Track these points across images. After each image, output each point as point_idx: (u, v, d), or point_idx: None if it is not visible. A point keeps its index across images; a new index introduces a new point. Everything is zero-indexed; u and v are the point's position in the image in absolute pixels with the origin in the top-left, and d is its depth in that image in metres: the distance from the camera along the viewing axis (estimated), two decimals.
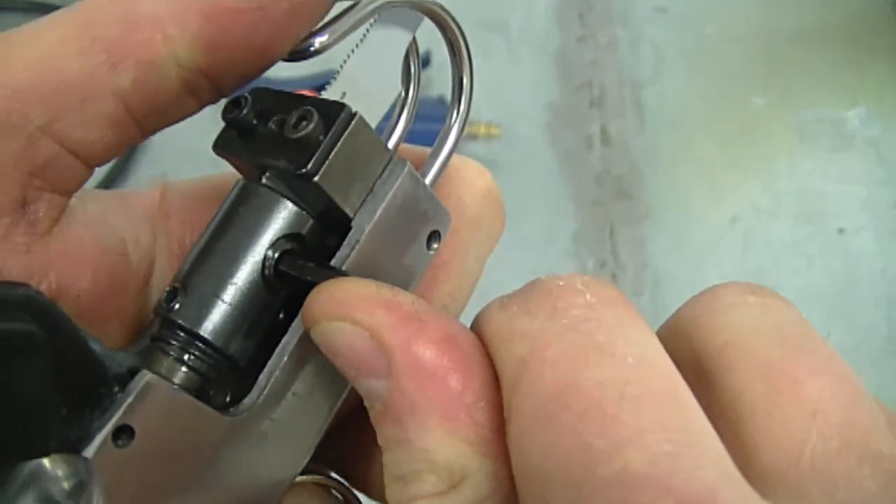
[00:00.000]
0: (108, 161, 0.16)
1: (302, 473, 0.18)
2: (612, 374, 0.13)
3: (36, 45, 0.15)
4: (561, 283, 0.16)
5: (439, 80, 0.76)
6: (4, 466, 0.14)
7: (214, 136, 0.17)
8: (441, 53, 0.82)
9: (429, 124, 0.81)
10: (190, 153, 0.75)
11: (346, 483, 0.20)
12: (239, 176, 0.17)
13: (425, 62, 0.74)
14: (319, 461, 0.19)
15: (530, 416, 0.14)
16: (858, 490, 0.13)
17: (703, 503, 0.12)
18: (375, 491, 0.20)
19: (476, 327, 0.16)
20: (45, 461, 0.14)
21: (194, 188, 0.18)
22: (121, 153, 0.16)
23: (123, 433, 0.14)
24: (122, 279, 0.17)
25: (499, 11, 0.82)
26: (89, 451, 0.14)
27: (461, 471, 0.14)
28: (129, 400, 0.14)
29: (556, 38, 0.80)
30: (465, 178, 0.18)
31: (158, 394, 0.14)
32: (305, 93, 0.17)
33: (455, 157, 0.18)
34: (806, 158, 0.71)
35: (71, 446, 0.14)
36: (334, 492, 0.19)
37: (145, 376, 0.15)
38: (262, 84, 0.17)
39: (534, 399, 0.14)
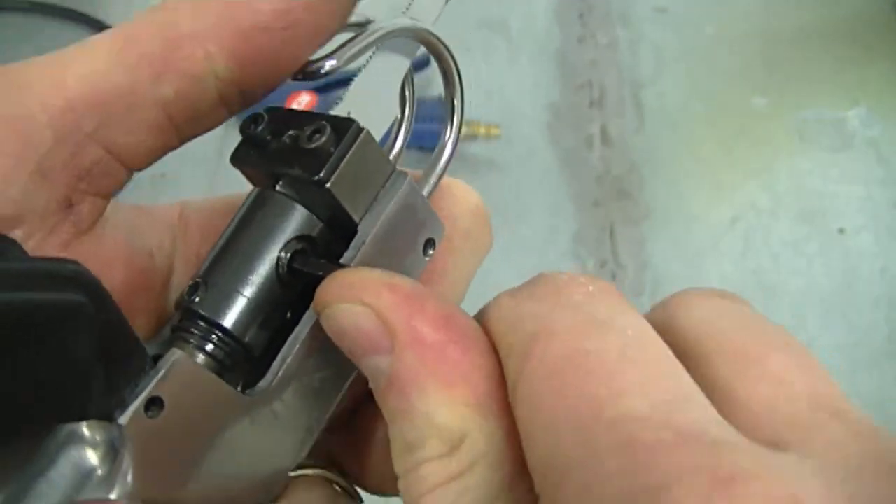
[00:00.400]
0: (147, 166, 0.18)
1: (304, 467, 0.19)
2: (614, 342, 0.15)
3: (86, 61, 0.16)
4: (564, 277, 0.17)
5: (439, 80, 0.76)
6: (45, 426, 0.15)
7: (208, 137, 0.19)
8: None
9: (429, 124, 0.81)
10: (190, 154, 0.75)
11: (345, 478, 0.21)
12: (248, 191, 0.19)
13: (425, 62, 0.74)
14: (319, 458, 0.20)
15: (540, 378, 0.15)
16: (832, 439, 0.14)
17: (698, 437, 0.13)
18: (371, 485, 0.21)
19: (483, 313, 0.17)
20: (84, 426, 0.15)
21: (210, 204, 0.21)
22: (158, 158, 0.18)
23: (154, 404, 0.16)
24: (149, 279, 0.19)
25: (499, 11, 0.82)
26: (124, 419, 0.15)
27: (461, 432, 0.15)
28: (161, 374, 0.16)
29: (556, 38, 0.80)
30: (456, 194, 0.20)
31: (186, 370, 0.16)
32: (307, 97, 0.18)
33: (445, 178, 0.20)
34: (806, 158, 0.71)
35: (107, 414, 0.15)
36: (336, 486, 0.20)
37: (175, 354, 0.16)
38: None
39: (544, 364, 0.15)
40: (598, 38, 0.80)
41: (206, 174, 0.58)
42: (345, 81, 0.20)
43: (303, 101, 0.70)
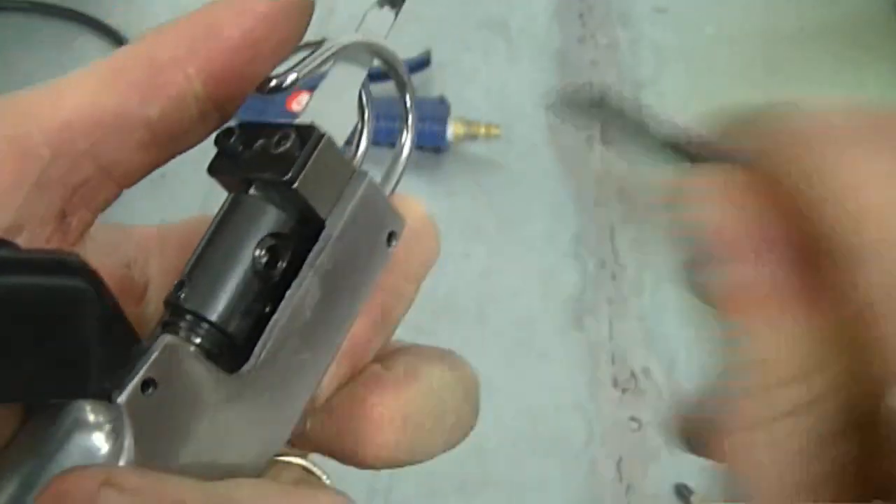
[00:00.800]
0: (135, 183, 0.19)
1: (281, 453, 0.21)
2: None
3: (79, 88, 0.18)
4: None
5: (439, 80, 0.76)
6: (47, 401, 0.17)
7: (211, 140, 0.21)
8: (441, 53, 0.82)
9: (429, 124, 0.81)
10: (190, 155, 0.75)
11: (319, 469, 0.22)
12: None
13: (425, 62, 0.74)
14: (307, 441, 0.21)
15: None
16: None
17: None
18: (369, 457, 0.21)
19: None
20: (87, 411, 0.17)
21: (186, 222, 0.23)
22: (145, 176, 0.19)
23: (149, 385, 0.17)
24: (126, 289, 0.20)
25: (499, 11, 0.82)
26: (122, 398, 0.17)
27: None
28: (154, 356, 0.17)
29: (556, 38, 0.80)
30: (406, 203, 0.22)
31: (176, 352, 0.17)
32: (307, 97, 0.21)
33: (398, 193, 0.22)
34: None
35: (104, 394, 0.17)
36: (310, 471, 0.22)
37: (165, 338, 0.18)
38: None
39: None
40: (598, 38, 0.80)
41: (202, 174, 0.58)
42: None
43: (302, 100, 0.70)
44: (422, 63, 0.74)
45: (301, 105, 0.21)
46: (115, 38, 0.80)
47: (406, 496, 0.54)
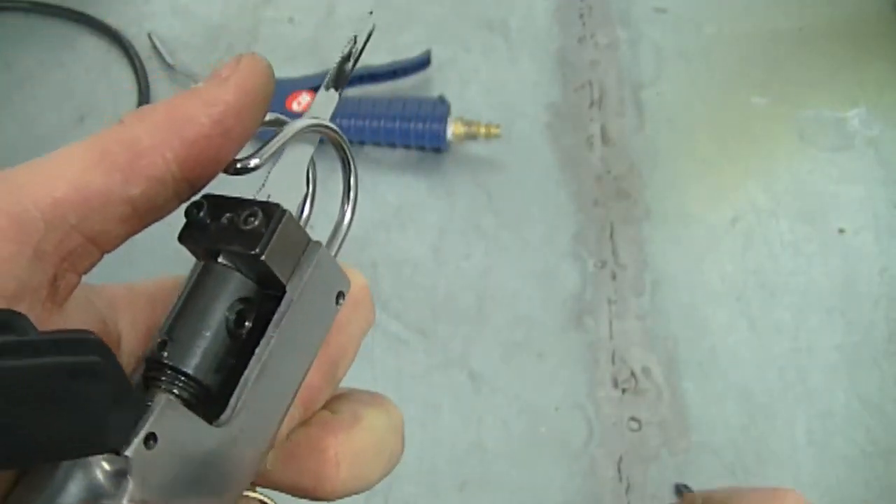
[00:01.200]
0: (116, 248, 0.22)
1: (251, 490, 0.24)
2: None
3: (69, 169, 0.20)
4: None
5: (439, 80, 0.76)
6: (69, 458, 0.19)
7: None
8: (441, 53, 0.82)
9: (429, 124, 0.81)
10: None
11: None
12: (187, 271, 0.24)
13: (425, 62, 0.74)
14: (267, 479, 0.24)
15: None
16: None
17: None
18: (325, 495, 0.24)
19: None
20: (98, 460, 0.19)
21: (153, 282, 0.25)
22: (124, 241, 0.22)
23: (151, 438, 0.19)
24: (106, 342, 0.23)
25: (499, 11, 0.82)
26: (129, 452, 0.19)
27: None
28: (156, 413, 0.20)
29: (556, 38, 0.80)
30: (350, 273, 0.25)
31: (172, 408, 0.20)
32: (307, 96, 0.21)
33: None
34: (806, 158, 0.71)
35: (114, 448, 0.19)
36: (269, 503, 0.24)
37: (162, 398, 0.20)
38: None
39: None
40: (598, 38, 0.80)
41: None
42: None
43: (303, 100, 0.70)
44: (422, 63, 0.74)
45: (301, 105, 0.22)
46: (115, 38, 0.80)
47: (406, 496, 0.54)
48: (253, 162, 0.22)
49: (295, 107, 0.69)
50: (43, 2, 0.83)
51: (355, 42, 0.25)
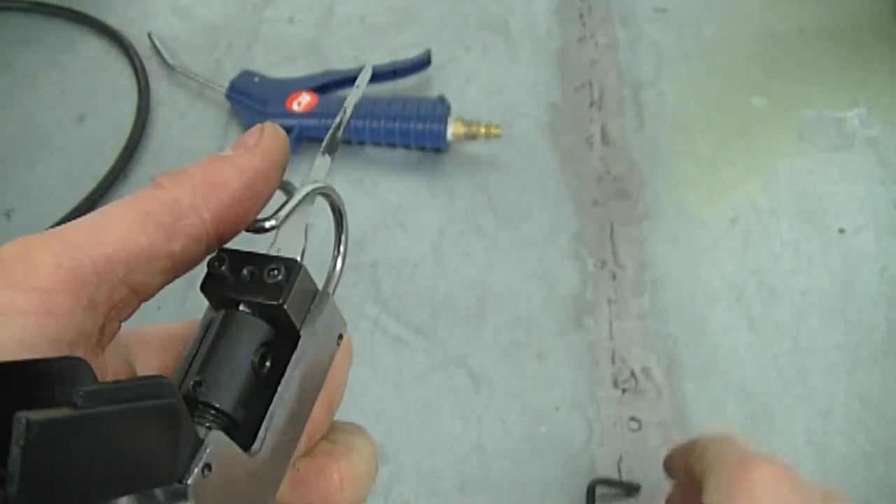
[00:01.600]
0: (152, 297, 0.24)
1: None
2: None
3: (118, 227, 0.23)
4: None
5: (439, 80, 0.76)
6: (144, 489, 0.21)
7: (208, 136, 0.25)
8: (441, 53, 0.82)
9: (429, 124, 0.81)
10: (189, 153, 0.75)
11: None
12: (199, 317, 0.27)
13: (425, 62, 0.74)
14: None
15: None
16: None
17: None
18: None
19: None
20: (163, 488, 0.21)
21: (161, 328, 0.27)
22: (160, 290, 0.24)
23: (207, 468, 0.22)
24: None
25: (499, 11, 0.82)
26: (190, 481, 0.21)
27: None
28: (210, 447, 0.22)
29: (556, 38, 0.80)
30: None
31: (222, 441, 0.23)
32: (307, 97, 0.21)
33: None
34: (806, 158, 0.71)
35: (178, 478, 0.21)
36: None
37: (214, 434, 0.22)
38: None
39: None
40: (598, 38, 0.80)
41: None
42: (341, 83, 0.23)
43: (303, 100, 0.70)
44: (422, 63, 0.74)
45: (301, 105, 0.22)
46: (115, 38, 0.80)
47: (406, 496, 0.54)
48: (269, 224, 0.25)
49: (295, 107, 0.69)
50: (43, 2, 0.83)
51: (345, 112, 0.28)
